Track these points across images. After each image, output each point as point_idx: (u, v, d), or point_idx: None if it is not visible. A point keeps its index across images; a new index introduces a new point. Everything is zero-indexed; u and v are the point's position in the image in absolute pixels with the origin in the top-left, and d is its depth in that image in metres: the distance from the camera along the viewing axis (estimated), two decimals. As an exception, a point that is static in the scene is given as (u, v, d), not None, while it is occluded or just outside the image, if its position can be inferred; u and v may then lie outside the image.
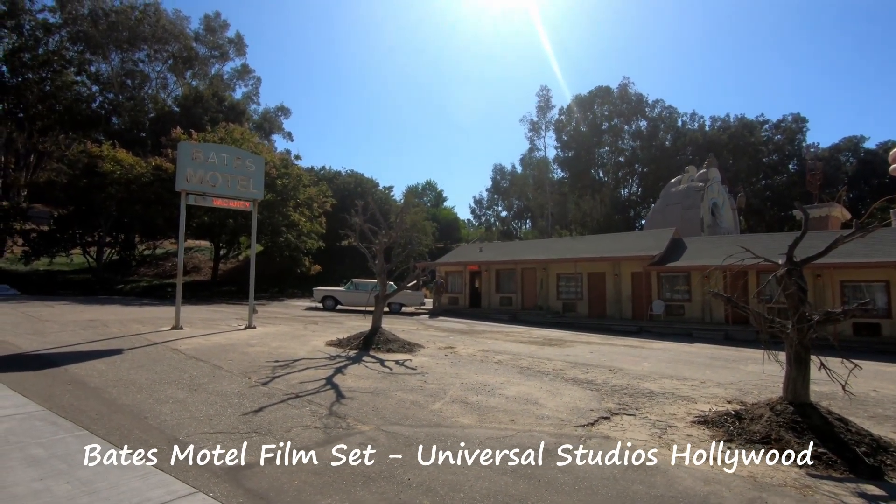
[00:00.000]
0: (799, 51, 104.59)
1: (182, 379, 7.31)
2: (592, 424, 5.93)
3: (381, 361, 9.41)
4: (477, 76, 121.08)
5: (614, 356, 11.67)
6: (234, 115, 38.47)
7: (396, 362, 9.38)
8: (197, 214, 32.06)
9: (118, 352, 9.13)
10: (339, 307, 23.87)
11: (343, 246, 49.96)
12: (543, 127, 55.80)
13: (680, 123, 52.16)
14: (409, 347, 10.92)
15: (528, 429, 5.63)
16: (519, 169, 75.91)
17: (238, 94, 47.39)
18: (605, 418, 6.23)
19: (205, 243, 47.02)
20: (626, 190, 53.09)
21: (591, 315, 23.16)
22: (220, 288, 33.27)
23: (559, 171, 58.38)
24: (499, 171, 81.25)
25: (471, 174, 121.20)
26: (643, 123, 53.48)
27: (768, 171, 49.07)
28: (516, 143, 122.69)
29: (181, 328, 12.56)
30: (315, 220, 35.67)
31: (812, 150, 43.55)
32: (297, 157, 35.40)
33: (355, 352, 10.33)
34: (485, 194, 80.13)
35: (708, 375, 9.44)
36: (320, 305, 24.06)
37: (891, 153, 24.25)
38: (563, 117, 54.72)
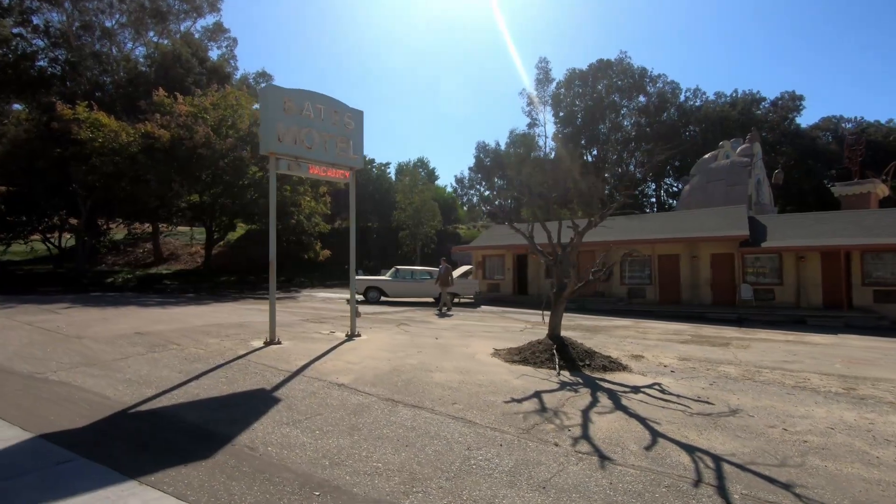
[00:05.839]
0: (778, 30, 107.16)
1: (443, 457, 4.34)
2: None
3: (636, 388, 6.79)
4: (465, 46, 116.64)
5: (820, 358, 9.63)
6: (218, 77, 33.36)
7: (659, 390, 6.78)
8: (180, 194, 27.46)
9: (274, 400, 5.90)
10: (382, 299, 20.77)
11: (340, 228, 45.87)
12: (542, 101, 53.31)
13: (682, 99, 51.22)
14: (615, 363, 8.33)
15: None
16: (505, 147, 73.27)
17: (213, 55, 41.62)
18: None
19: (183, 228, 41.89)
20: (630, 166, 51.83)
21: (661, 301, 21.32)
22: (217, 278, 29.06)
23: (554, 147, 56.33)
24: (482, 149, 78.20)
25: (453, 152, 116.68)
26: (642, 99, 52.16)
27: (767, 149, 49.10)
28: (505, 119, 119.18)
29: (279, 342, 9.31)
30: (320, 199, 31.68)
31: (848, 125, 43.61)
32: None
33: (567, 373, 7.62)
34: (467, 173, 77.12)
35: None
36: (360, 297, 20.82)
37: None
38: (561, 90, 52.44)
